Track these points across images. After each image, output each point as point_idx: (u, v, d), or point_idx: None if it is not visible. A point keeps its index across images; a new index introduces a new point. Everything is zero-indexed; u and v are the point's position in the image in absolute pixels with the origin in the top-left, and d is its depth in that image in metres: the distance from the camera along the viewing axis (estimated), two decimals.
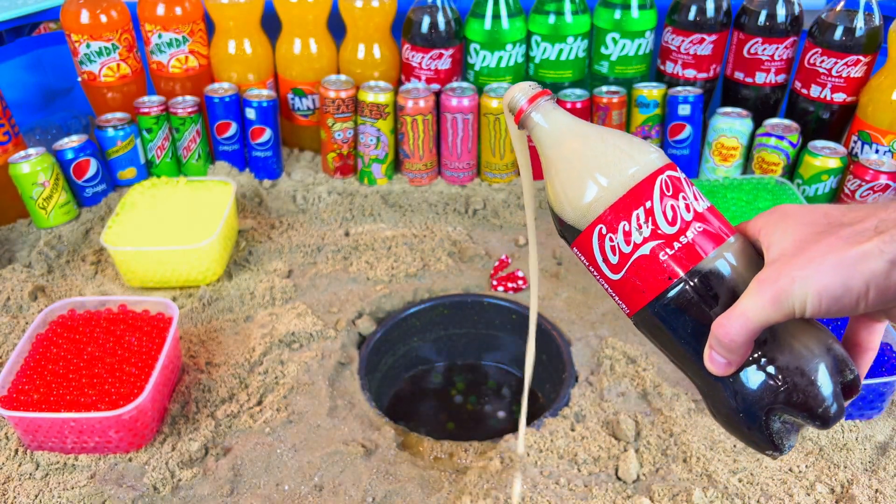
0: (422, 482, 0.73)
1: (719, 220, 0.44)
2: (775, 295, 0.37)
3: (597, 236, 0.45)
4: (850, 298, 0.36)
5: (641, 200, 0.43)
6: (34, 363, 0.79)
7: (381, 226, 1.13)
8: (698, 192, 0.45)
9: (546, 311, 0.96)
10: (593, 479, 0.72)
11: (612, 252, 0.44)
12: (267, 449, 0.76)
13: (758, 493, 0.70)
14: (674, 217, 0.43)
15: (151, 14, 1.17)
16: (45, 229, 1.11)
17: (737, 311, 0.39)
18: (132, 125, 1.17)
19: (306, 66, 1.22)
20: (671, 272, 0.42)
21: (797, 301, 0.37)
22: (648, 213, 0.43)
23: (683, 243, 0.42)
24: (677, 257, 0.42)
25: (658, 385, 0.82)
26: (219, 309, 0.97)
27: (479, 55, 1.20)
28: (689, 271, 0.42)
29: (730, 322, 0.39)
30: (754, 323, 0.38)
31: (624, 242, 0.44)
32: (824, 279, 0.36)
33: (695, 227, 0.43)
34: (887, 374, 0.75)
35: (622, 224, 0.44)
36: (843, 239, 0.37)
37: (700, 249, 0.42)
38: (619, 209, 0.44)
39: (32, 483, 0.73)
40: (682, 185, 0.44)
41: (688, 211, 0.43)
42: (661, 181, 0.44)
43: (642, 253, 0.43)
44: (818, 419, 0.39)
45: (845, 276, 0.36)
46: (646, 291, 0.44)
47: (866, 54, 1.08)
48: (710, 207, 0.44)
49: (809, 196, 1.10)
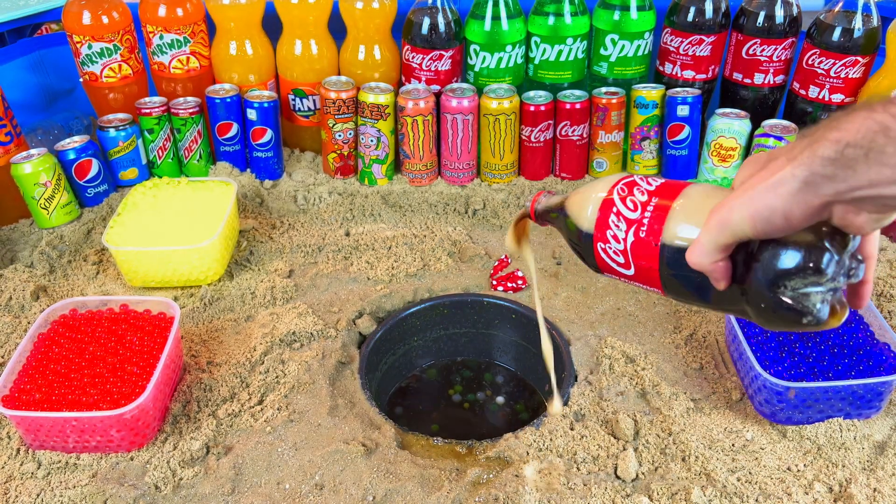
0: (422, 481, 0.73)
1: (675, 187, 0.54)
2: (719, 224, 0.46)
3: (602, 252, 0.57)
4: (778, 218, 0.43)
5: (610, 208, 0.56)
6: (36, 363, 0.79)
7: (382, 226, 1.14)
8: (652, 179, 0.56)
9: (545, 310, 0.97)
10: (592, 477, 0.73)
11: (616, 255, 0.56)
12: (268, 448, 0.77)
13: (756, 492, 0.70)
14: (634, 205, 0.55)
15: (153, 15, 1.17)
16: (46, 229, 1.11)
17: (695, 242, 0.48)
18: (134, 126, 1.18)
19: (307, 67, 1.23)
20: (654, 239, 0.53)
21: (737, 226, 0.45)
22: (618, 214, 0.55)
23: (649, 216, 0.53)
24: (651, 228, 0.53)
25: (657, 384, 0.83)
26: (220, 308, 0.97)
27: (478, 56, 1.20)
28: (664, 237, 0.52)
29: (692, 252, 0.48)
30: (707, 248, 0.47)
31: (616, 243, 0.56)
32: (753, 205, 0.44)
33: (653, 202, 0.54)
34: (885, 373, 0.75)
35: (608, 232, 0.56)
36: (767, 170, 0.45)
37: (660, 213, 0.53)
38: (600, 224, 0.56)
39: (34, 482, 0.73)
40: (634, 181, 0.56)
41: (643, 195, 0.55)
42: (617, 190, 0.56)
43: (630, 241, 0.54)
44: (810, 271, 0.46)
45: (768, 200, 0.43)
46: (652, 267, 0.54)
47: (864, 55, 1.09)
48: (662, 184, 0.55)
49: None
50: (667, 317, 0.94)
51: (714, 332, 0.90)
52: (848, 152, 0.40)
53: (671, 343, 0.90)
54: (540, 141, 1.19)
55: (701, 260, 0.48)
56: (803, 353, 0.79)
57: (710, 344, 0.89)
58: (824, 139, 0.41)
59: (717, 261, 0.47)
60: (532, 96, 1.17)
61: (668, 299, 0.97)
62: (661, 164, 1.23)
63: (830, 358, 0.78)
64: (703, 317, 0.93)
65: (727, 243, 0.46)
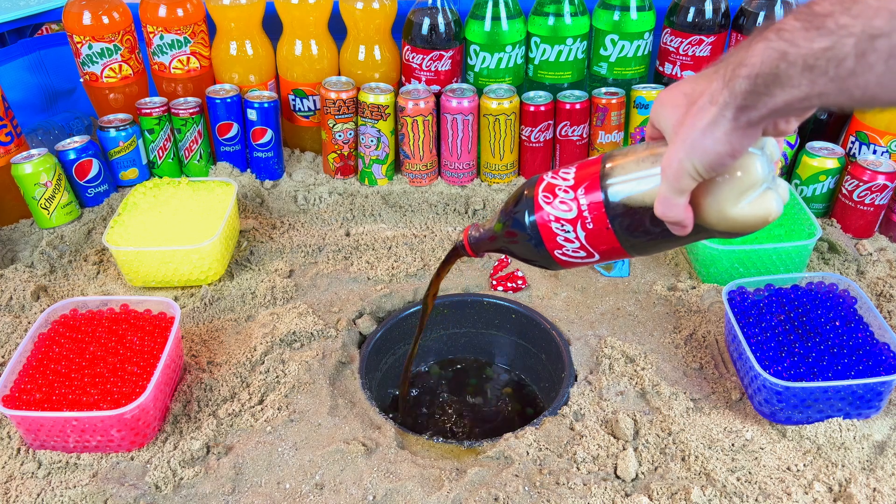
0: (422, 480, 0.73)
1: (588, 167, 0.58)
2: (674, 177, 0.51)
3: (562, 257, 0.61)
4: (723, 156, 0.49)
5: (548, 221, 0.59)
6: (36, 363, 0.79)
7: (382, 226, 1.14)
8: (562, 171, 0.59)
9: (545, 310, 0.97)
10: (592, 477, 0.73)
11: (576, 252, 0.60)
12: (268, 447, 0.77)
13: (756, 492, 0.70)
14: (567, 205, 0.58)
15: (153, 15, 1.17)
16: (47, 229, 1.11)
17: (660, 199, 0.52)
18: (134, 126, 1.18)
19: (307, 68, 1.23)
20: (603, 224, 0.57)
21: (691, 175, 0.50)
22: (558, 219, 0.59)
23: (586, 207, 0.57)
24: (595, 216, 0.57)
25: (657, 384, 0.83)
26: (220, 308, 0.97)
27: (478, 56, 1.20)
28: (610, 213, 0.56)
29: (664, 209, 0.53)
30: (674, 200, 0.52)
31: (570, 244, 0.59)
32: (698, 153, 0.49)
33: (580, 193, 0.57)
34: (885, 373, 0.76)
35: (558, 239, 0.60)
36: (695, 116, 0.49)
37: (594, 196, 0.57)
38: (548, 238, 0.60)
39: (35, 482, 0.73)
40: (550, 183, 0.59)
41: (567, 192, 0.58)
42: (542, 200, 0.60)
43: (583, 236, 0.58)
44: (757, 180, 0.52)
45: (710, 144, 0.48)
46: (613, 244, 0.58)
47: None
48: (575, 171, 0.59)
49: (807, 196, 1.10)
50: (666, 317, 0.94)
51: (714, 332, 0.90)
52: (759, 83, 0.45)
53: (671, 343, 0.90)
54: (540, 141, 1.19)
55: (675, 212, 0.52)
56: (803, 352, 0.79)
57: (710, 344, 0.89)
58: (736, 76, 0.46)
59: (684, 207, 0.52)
60: (532, 96, 1.17)
61: (667, 300, 0.97)
62: None
63: (830, 358, 0.78)
64: (702, 317, 0.93)
65: (687, 190, 0.51)
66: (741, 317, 0.84)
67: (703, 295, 0.96)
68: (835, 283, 0.86)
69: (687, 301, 0.96)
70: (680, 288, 0.99)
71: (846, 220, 1.08)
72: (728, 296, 0.85)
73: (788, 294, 0.86)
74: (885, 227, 1.09)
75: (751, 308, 0.85)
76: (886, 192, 1.04)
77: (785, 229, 0.98)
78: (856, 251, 1.06)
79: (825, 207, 1.12)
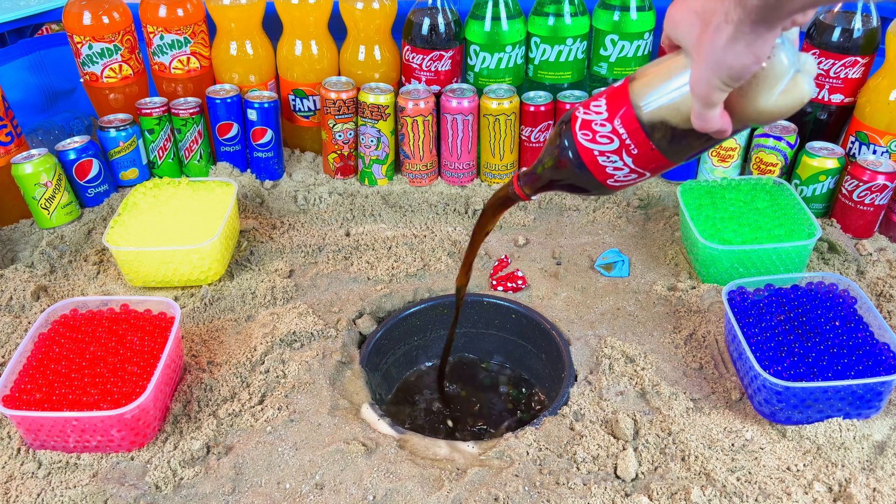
0: (422, 480, 0.73)
1: (618, 94, 0.60)
2: (705, 95, 0.54)
3: (615, 183, 0.63)
4: (748, 66, 0.52)
5: (594, 155, 0.62)
6: (37, 362, 0.79)
7: (382, 226, 1.14)
8: (592, 103, 0.61)
9: (545, 310, 0.97)
10: (592, 477, 0.73)
11: (627, 177, 0.62)
12: (268, 447, 0.77)
13: (756, 492, 0.70)
14: (608, 138, 0.60)
15: (153, 15, 1.17)
16: (47, 229, 1.11)
17: (696, 115, 0.56)
18: (134, 126, 1.18)
19: (307, 68, 1.23)
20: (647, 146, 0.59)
21: (720, 89, 0.53)
22: (603, 154, 0.61)
23: (626, 136, 0.59)
24: (638, 141, 0.59)
25: (657, 384, 0.83)
26: (220, 308, 0.98)
27: (478, 57, 1.20)
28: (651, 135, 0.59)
29: (704, 124, 0.56)
30: (708, 114, 0.55)
31: (620, 172, 0.62)
32: (723, 69, 0.52)
33: (617, 123, 0.59)
34: (885, 373, 0.76)
35: (607, 170, 0.62)
36: (713, 35, 0.51)
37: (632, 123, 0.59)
38: (598, 172, 0.62)
39: (35, 482, 0.73)
40: (585, 119, 0.61)
41: (604, 125, 0.60)
42: (581, 138, 0.62)
43: (631, 161, 0.60)
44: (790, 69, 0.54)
45: (732, 58, 0.51)
46: (660, 161, 0.60)
47: (864, 55, 1.09)
48: (606, 100, 0.61)
49: (807, 197, 1.10)
50: (666, 317, 0.94)
51: (713, 332, 0.90)
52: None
53: (671, 343, 0.90)
54: (540, 141, 1.19)
55: (712, 123, 0.55)
56: (803, 352, 0.79)
57: (710, 344, 0.89)
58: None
59: (720, 116, 0.55)
60: (532, 97, 1.17)
61: (667, 300, 0.97)
62: None
63: (830, 358, 0.78)
64: (702, 317, 0.93)
65: (719, 103, 0.54)
66: (741, 317, 0.84)
67: (703, 295, 0.96)
68: (835, 283, 0.86)
69: (687, 301, 0.96)
70: (680, 288, 0.99)
71: (846, 220, 1.08)
72: (728, 296, 0.85)
73: (788, 294, 0.86)
74: (884, 228, 1.09)
75: (751, 308, 0.85)
76: (886, 192, 1.04)
77: (785, 229, 0.98)
78: (856, 251, 1.06)
79: (825, 207, 1.12)
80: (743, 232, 0.98)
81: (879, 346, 0.79)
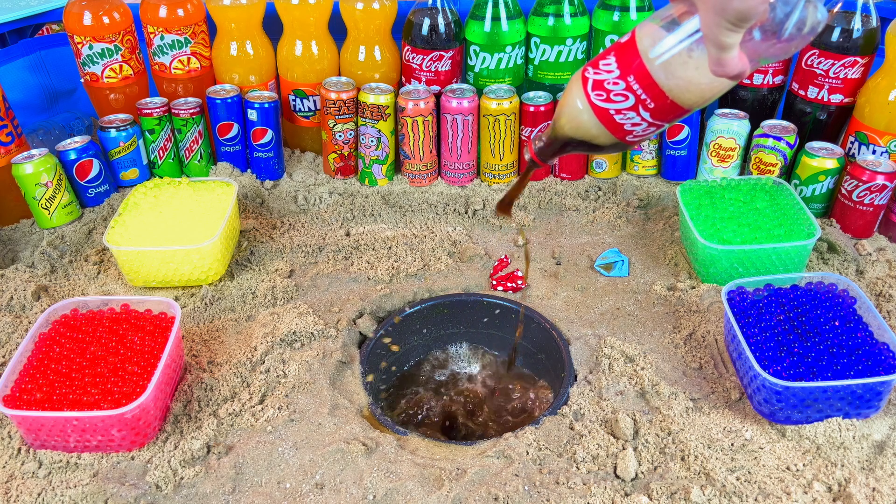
0: (422, 480, 0.73)
1: (627, 49, 0.59)
2: (718, 41, 0.54)
3: (635, 138, 0.63)
4: (754, 8, 0.51)
5: (610, 115, 0.61)
6: (37, 362, 0.79)
7: (382, 226, 1.14)
8: (602, 63, 0.61)
9: (545, 310, 0.97)
10: (592, 477, 0.73)
11: (646, 131, 0.62)
12: (268, 447, 0.77)
13: (755, 492, 0.70)
14: (623, 96, 0.59)
15: (154, 16, 1.17)
16: (47, 229, 1.12)
17: (712, 61, 0.55)
18: (134, 126, 1.18)
19: (307, 68, 1.23)
20: (664, 100, 0.59)
21: (732, 31, 0.53)
22: (619, 112, 0.60)
23: (640, 90, 0.59)
24: (654, 94, 0.59)
25: (656, 384, 0.83)
26: (221, 308, 0.98)
27: (478, 57, 1.20)
28: (667, 87, 0.58)
29: (718, 67, 0.55)
30: (724, 58, 0.55)
31: (639, 127, 0.61)
32: (730, 13, 0.51)
33: (631, 78, 0.59)
34: (884, 373, 0.76)
35: (626, 127, 0.61)
36: None
37: (646, 78, 0.58)
38: (616, 130, 0.62)
39: (35, 482, 0.73)
40: (597, 80, 0.61)
41: (616, 83, 0.59)
42: (595, 99, 0.61)
43: (648, 115, 0.60)
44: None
45: (737, 2, 0.51)
46: (677, 109, 0.60)
47: (864, 55, 1.09)
48: (616, 57, 0.60)
49: (807, 197, 1.10)
50: (666, 316, 0.95)
51: (713, 332, 0.90)
52: None
53: (670, 343, 0.90)
54: None
55: (730, 67, 0.55)
56: (802, 352, 0.79)
57: (710, 343, 0.89)
58: None
59: (737, 59, 0.55)
60: (532, 97, 1.17)
61: (667, 300, 0.97)
62: (661, 164, 1.23)
63: (829, 358, 0.78)
64: (702, 317, 0.93)
65: (734, 45, 0.54)
66: (741, 317, 0.84)
67: (702, 295, 0.96)
68: (834, 283, 0.86)
69: (686, 301, 0.96)
70: (679, 288, 0.99)
71: (845, 220, 1.08)
72: (727, 296, 0.85)
73: (788, 294, 0.86)
74: (884, 228, 1.09)
75: (750, 308, 0.85)
76: (886, 192, 1.04)
77: (784, 229, 0.98)
78: (855, 251, 1.06)
79: (824, 207, 1.12)
80: (742, 232, 0.98)
81: (879, 345, 0.79)
